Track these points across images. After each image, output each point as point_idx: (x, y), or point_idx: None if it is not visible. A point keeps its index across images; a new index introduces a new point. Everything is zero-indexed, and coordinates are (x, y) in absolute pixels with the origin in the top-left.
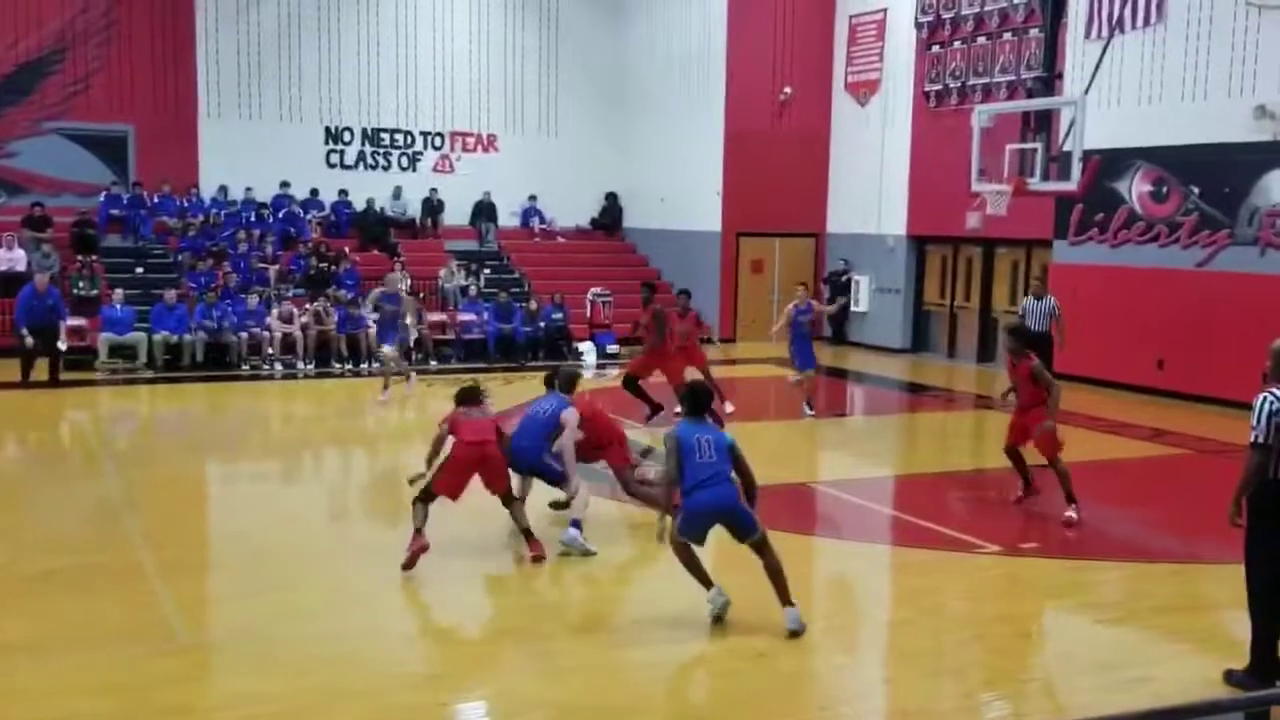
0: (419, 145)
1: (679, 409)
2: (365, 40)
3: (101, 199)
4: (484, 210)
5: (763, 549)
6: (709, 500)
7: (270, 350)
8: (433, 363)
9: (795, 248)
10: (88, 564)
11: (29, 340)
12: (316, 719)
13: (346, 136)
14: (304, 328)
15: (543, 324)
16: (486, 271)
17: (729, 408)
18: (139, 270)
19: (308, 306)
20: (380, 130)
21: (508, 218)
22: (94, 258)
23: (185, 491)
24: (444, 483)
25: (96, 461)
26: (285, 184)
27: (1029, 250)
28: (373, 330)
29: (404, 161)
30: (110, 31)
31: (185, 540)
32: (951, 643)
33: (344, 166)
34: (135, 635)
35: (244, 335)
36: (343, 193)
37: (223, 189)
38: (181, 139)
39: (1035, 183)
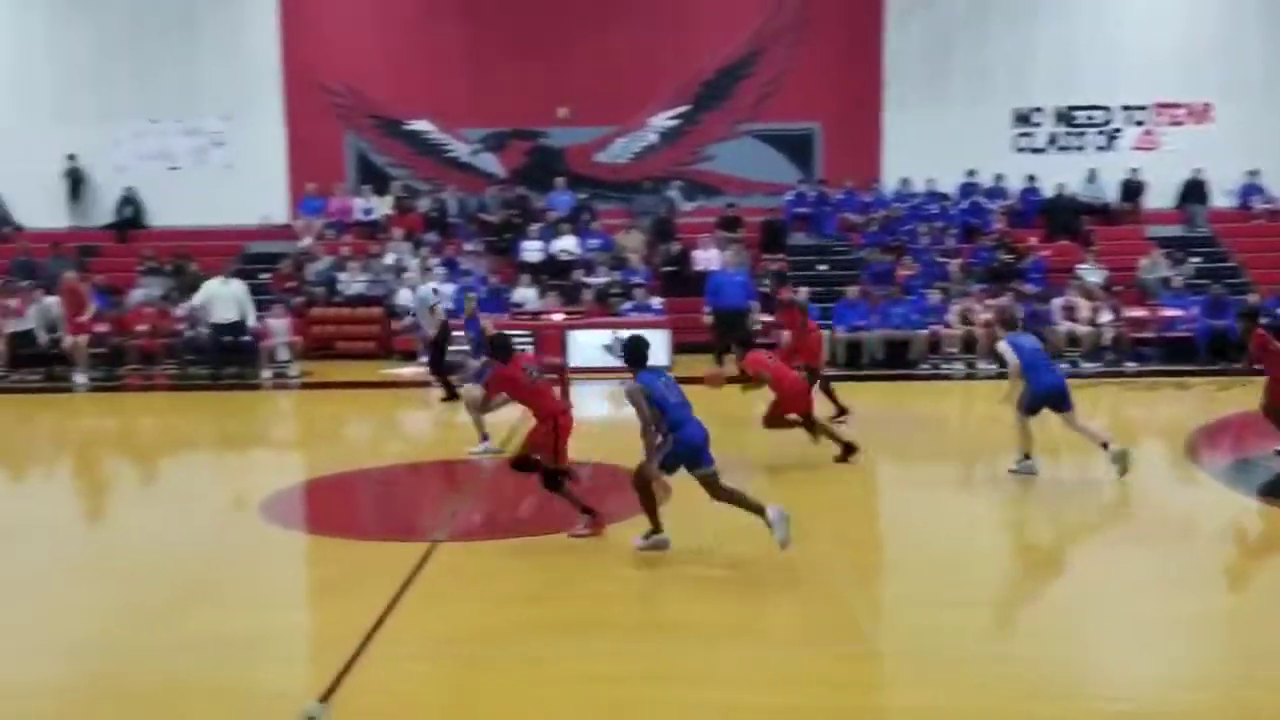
0: (1117, 121)
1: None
2: (1061, 9)
3: (788, 197)
4: (1193, 190)
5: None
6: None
7: (951, 349)
8: (1130, 364)
9: None
10: (766, 558)
11: (710, 319)
12: None
13: (1036, 118)
14: (985, 324)
15: (1265, 320)
16: (1195, 260)
17: None
18: (822, 267)
19: (988, 302)
20: (1074, 108)
21: (1222, 197)
22: (781, 256)
23: (866, 494)
24: (562, 456)
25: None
26: (971, 172)
27: None
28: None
29: (1100, 140)
30: (801, 31)
31: (870, 542)
32: None
33: (1032, 150)
34: (816, 634)
35: (924, 332)
36: (1030, 178)
37: (904, 181)
38: (865, 133)
39: None
